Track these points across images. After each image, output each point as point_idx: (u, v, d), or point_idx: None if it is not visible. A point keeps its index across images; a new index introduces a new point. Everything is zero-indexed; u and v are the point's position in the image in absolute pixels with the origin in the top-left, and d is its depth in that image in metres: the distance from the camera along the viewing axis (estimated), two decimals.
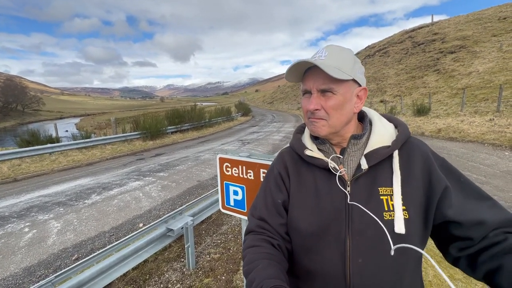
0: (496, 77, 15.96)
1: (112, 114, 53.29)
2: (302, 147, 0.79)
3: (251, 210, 0.85)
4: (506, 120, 9.44)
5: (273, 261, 0.68)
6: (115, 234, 3.67)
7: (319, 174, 0.74)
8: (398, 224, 0.63)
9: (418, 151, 0.71)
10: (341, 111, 0.71)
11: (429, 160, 0.69)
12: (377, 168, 0.70)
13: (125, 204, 4.72)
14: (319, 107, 0.71)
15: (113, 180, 6.29)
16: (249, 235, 0.80)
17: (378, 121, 0.77)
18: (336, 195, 0.70)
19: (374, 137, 0.73)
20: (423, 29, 34.58)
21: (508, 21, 24.12)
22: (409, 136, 0.73)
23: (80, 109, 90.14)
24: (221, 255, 3.02)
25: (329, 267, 0.68)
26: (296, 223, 0.74)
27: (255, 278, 0.63)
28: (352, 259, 0.66)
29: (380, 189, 0.68)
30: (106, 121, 31.53)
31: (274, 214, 0.78)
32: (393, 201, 0.66)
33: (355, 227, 0.67)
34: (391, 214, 0.65)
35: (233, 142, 11.42)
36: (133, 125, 13.05)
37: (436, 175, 0.67)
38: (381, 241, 0.64)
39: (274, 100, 69.17)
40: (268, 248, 0.73)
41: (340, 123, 0.72)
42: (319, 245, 0.70)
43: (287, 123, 19.88)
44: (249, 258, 0.71)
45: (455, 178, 0.69)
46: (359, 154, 0.74)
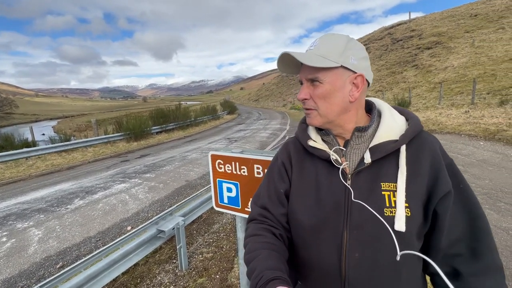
0: (469, 71, 16.79)
1: (92, 115, 51.24)
2: (306, 137, 0.78)
3: (254, 198, 0.86)
4: (480, 112, 9.96)
5: (274, 251, 0.69)
6: (102, 239, 3.54)
7: (321, 165, 0.73)
8: (399, 221, 0.62)
9: (428, 147, 0.67)
10: (330, 100, 0.69)
11: (438, 159, 0.66)
12: (382, 163, 0.68)
13: (111, 207, 4.56)
14: (307, 97, 0.71)
15: (96, 183, 6.05)
16: (251, 224, 0.81)
17: (388, 113, 0.73)
18: (336, 188, 0.69)
19: (381, 130, 0.70)
20: (401, 26, 35.75)
21: (479, 18, 25.41)
22: (420, 130, 0.69)
23: (57, 111, 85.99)
24: (214, 254, 2.99)
25: (325, 259, 0.68)
26: (295, 214, 0.74)
27: (255, 268, 0.64)
28: (349, 253, 0.65)
29: (383, 184, 0.66)
30: (86, 123, 30.29)
31: (276, 203, 0.79)
32: (395, 198, 0.64)
33: (354, 221, 0.66)
34: (392, 211, 0.63)
35: (220, 141, 11.33)
36: (115, 126, 12.61)
37: (443, 176, 0.64)
38: (379, 237, 0.63)
39: (259, 98, 69.24)
40: (269, 238, 0.73)
41: (331, 112, 0.71)
42: (317, 237, 0.70)
43: (274, 120, 19.96)
44: (251, 246, 0.72)
45: (456, 183, 0.66)
46: (364, 147, 0.71)
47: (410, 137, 0.67)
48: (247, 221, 0.83)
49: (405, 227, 0.61)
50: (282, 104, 41.47)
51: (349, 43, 0.70)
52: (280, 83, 69.25)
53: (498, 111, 9.45)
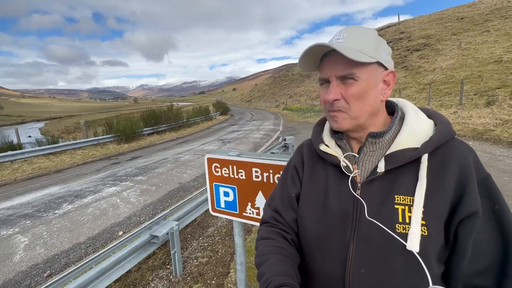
0: (457, 73, 17.25)
1: (81, 116, 50.04)
2: (319, 141, 0.74)
3: (269, 200, 0.84)
4: (468, 112, 10.22)
5: (284, 257, 0.66)
6: (92, 244, 3.42)
7: (332, 172, 0.69)
8: (411, 240, 0.55)
9: (457, 158, 0.58)
10: (364, 100, 0.62)
11: (468, 172, 0.57)
12: (398, 173, 0.61)
13: (102, 211, 4.42)
14: (339, 97, 0.62)
15: (86, 187, 5.87)
16: (263, 226, 0.80)
17: (413, 116, 0.65)
18: (345, 198, 0.64)
19: (402, 135, 0.62)
20: (391, 28, 36.47)
21: (465, 21, 26.17)
22: (451, 138, 0.61)
23: (45, 112, 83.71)
24: (209, 258, 2.92)
25: (329, 271, 0.65)
26: (302, 219, 0.72)
27: (265, 273, 0.62)
28: (354, 268, 0.61)
29: (397, 197, 0.59)
30: (74, 125, 29.56)
31: (288, 208, 0.76)
32: (411, 213, 0.57)
33: (361, 234, 0.61)
34: (405, 227, 0.57)
35: (213, 142, 11.23)
36: (105, 128, 12.32)
37: (471, 193, 0.55)
38: (388, 253, 0.58)
39: (252, 99, 69.25)
40: (280, 242, 0.71)
41: (364, 114, 0.63)
42: (322, 246, 0.66)
43: (267, 121, 19.96)
44: (261, 250, 0.70)
45: (490, 203, 0.56)
46: (380, 154, 0.65)
47: (434, 145, 0.59)
48: (260, 223, 0.83)
49: (418, 247, 0.54)
50: (275, 105, 41.58)
51: (379, 37, 0.64)
52: (273, 84, 69.48)
53: (485, 111, 9.71)
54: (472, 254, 0.56)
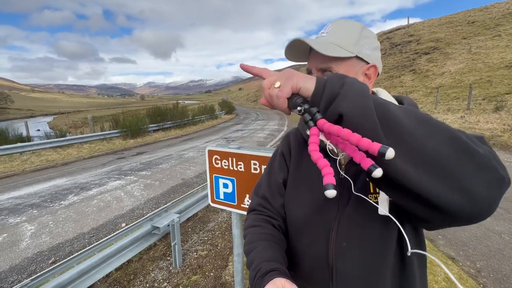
0: (466, 77, 16.99)
1: (88, 112, 50.81)
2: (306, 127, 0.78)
3: (255, 188, 0.86)
4: (475, 117, 10.08)
5: (272, 243, 0.69)
6: (95, 235, 3.50)
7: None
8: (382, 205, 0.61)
9: None
10: None
11: None
12: None
13: (106, 204, 4.52)
14: None
15: (91, 179, 6.00)
16: (250, 214, 0.82)
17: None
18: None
19: None
20: (399, 30, 36.06)
21: (476, 25, 25.74)
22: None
23: (53, 107, 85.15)
24: (209, 252, 2.97)
25: (314, 249, 0.69)
26: (289, 204, 0.75)
27: (254, 259, 0.65)
28: (336, 243, 0.65)
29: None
30: (82, 120, 30.03)
31: (275, 194, 0.79)
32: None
33: (344, 210, 0.66)
34: (376, 197, 0.63)
35: (218, 140, 11.30)
36: (112, 123, 12.52)
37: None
38: (365, 223, 0.63)
39: (258, 99, 69.26)
40: (268, 229, 0.74)
41: None
42: (308, 227, 0.70)
43: (271, 121, 19.97)
44: (250, 238, 0.73)
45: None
46: None
47: None
48: (248, 211, 0.84)
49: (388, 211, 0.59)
50: None
51: (363, 31, 0.67)
52: None
53: (493, 116, 9.57)
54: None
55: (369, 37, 0.68)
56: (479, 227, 3.19)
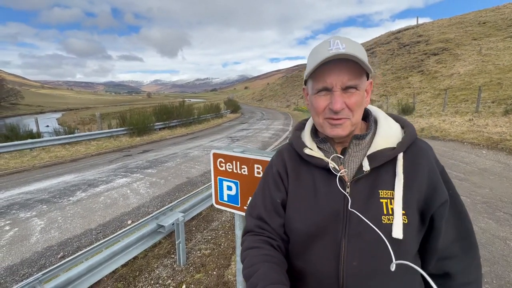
0: (475, 79, 16.69)
1: (96, 109, 51.56)
2: (302, 145, 0.77)
3: (249, 209, 0.83)
4: (484, 120, 9.91)
5: (274, 264, 0.67)
6: (102, 231, 3.60)
7: (318, 174, 0.72)
8: (396, 229, 0.62)
9: (424, 155, 0.68)
10: (361, 107, 0.68)
11: (434, 167, 0.67)
12: (379, 170, 0.67)
13: (112, 201, 4.62)
14: (344, 106, 0.65)
15: (99, 176, 6.12)
16: (247, 236, 0.78)
17: (384, 120, 0.73)
18: (335, 196, 0.68)
19: (378, 137, 0.70)
20: (408, 30, 35.55)
21: (487, 26, 25.22)
22: (416, 138, 0.70)
23: (62, 104, 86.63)
24: (212, 250, 3.03)
25: (323, 268, 0.67)
26: (293, 224, 0.73)
27: (257, 284, 0.61)
28: (347, 262, 0.64)
29: (381, 192, 0.66)
30: (90, 116, 30.52)
31: (273, 214, 0.77)
32: (392, 205, 0.64)
33: (352, 229, 0.65)
34: (389, 218, 0.63)
35: (222, 139, 11.38)
36: (119, 121, 12.71)
37: (441, 185, 0.66)
38: (378, 245, 0.62)
39: (263, 98, 69.21)
40: (268, 250, 0.72)
41: (359, 120, 0.70)
42: (314, 246, 0.69)
43: (276, 120, 19.98)
44: (249, 261, 0.69)
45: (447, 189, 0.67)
46: (361, 154, 0.71)
47: (407, 144, 0.68)
48: (243, 233, 0.81)
49: (402, 234, 0.61)
50: (285, 105, 41.45)
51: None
52: (285, 84, 69.18)
53: (502, 120, 9.39)
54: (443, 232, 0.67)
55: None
56: (483, 233, 3.17)
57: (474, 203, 3.91)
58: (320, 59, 0.62)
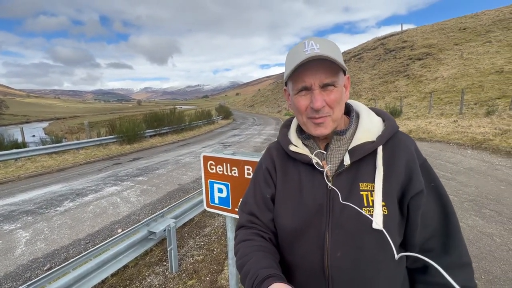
0: (458, 82, 17.33)
1: (85, 117, 50.54)
2: (287, 142, 0.79)
3: (241, 205, 0.86)
4: (468, 121, 10.26)
5: (266, 253, 0.70)
6: (92, 241, 3.50)
7: (303, 169, 0.75)
8: (376, 219, 0.63)
9: (403, 147, 0.69)
10: (341, 104, 0.70)
11: (413, 158, 0.68)
12: (360, 164, 0.69)
13: (102, 210, 4.51)
14: (324, 104, 0.67)
15: (87, 185, 5.98)
16: (240, 230, 0.82)
17: (366, 115, 0.75)
18: (319, 191, 0.70)
19: (360, 131, 0.71)
20: (393, 37, 36.71)
21: (467, 32, 26.34)
22: (396, 131, 0.71)
23: (49, 113, 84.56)
24: (205, 256, 2.99)
25: (309, 260, 0.69)
26: (280, 219, 0.75)
27: (250, 270, 0.65)
28: (331, 253, 0.66)
29: (361, 184, 0.67)
30: (78, 125, 29.88)
31: (263, 209, 0.79)
32: (373, 197, 0.65)
33: (335, 220, 0.67)
34: (370, 210, 0.65)
35: (214, 145, 11.34)
36: (108, 129, 12.50)
37: (417, 175, 0.66)
38: (360, 235, 0.65)
39: (254, 104, 69.57)
40: (260, 241, 0.74)
41: (340, 117, 0.72)
42: (300, 240, 0.71)
43: (268, 125, 20.09)
44: (242, 251, 0.73)
45: (428, 181, 0.68)
46: (343, 149, 0.72)
47: (386, 138, 0.69)
48: (236, 228, 0.84)
49: (382, 225, 0.62)
50: (277, 110, 41.78)
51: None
52: (275, 90, 69.85)
53: (485, 121, 9.75)
54: (421, 225, 0.66)
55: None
56: (471, 230, 3.25)
57: (461, 201, 4.01)
58: (297, 61, 0.65)
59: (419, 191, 0.65)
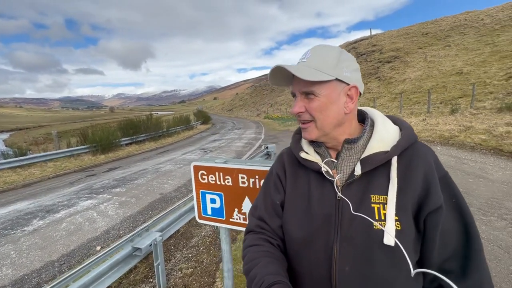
0: (424, 83, 18.57)
1: (52, 127, 47.14)
2: (299, 149, 0.78)
3: (251, 210, 0.86)
4: (435, 119, 10.99)
5: (273, 259, 0.69)
6: (67, 262, 3.22)
7: (313, 177, 0.73)
8: (387, 235, 0.60)
9: (421, 158, 0.65)
10: (326, 113, 0.68)
11: (431, 171, 0.63)
12: (372, 174, 0.66)
13: (77, 226, 4.18)
14: (302, 110, 0.69)
15: (59, 201, 5.53)
16: (249, 235, 0.81)
17: (381, 123, 0.72)
18: (327, 201, 0.68)
19: (374, 140, 0.68)
20: (364, 41, 38.64)
21: (429, 36, 28.42)
22: (414, 141, 0.67)
23: (10, 123, 77.86)
24: (194, 269, 2.87)
25: (316, 272, 0.67)
26: (288, 225, 0.74)
27: (256, 275, 0.64)
28: (339, 267, 0.64)
29: (373, 196, 0.64)
30: (44, 135, 27.79)
31: (272, 215, 0.78)
32: (385, 210, 0.62)
33: (344, 233, 0.65)
34: (381, 224, 0.61)
35: (195, 151, 11.08)
36: (80, 138, 11.76)
37: (435, 190, 0.62)
38: (369, 249, 0.62)
39: (233, 108, 69.40)
40: (268, 247, 0.73)
41: (328, 125, 0.69)
42: (307, 249, 0.69)
43: (248, 129, 20.08)
44: (250, 256, 0.72)
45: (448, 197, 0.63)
46: (355, 158, 0.70)
47: (402, 148, 0.66)
48: (245, 232, 0.83)
49: (393, 241, 0.59)
50: (256, 113, 41.98)
51: (342, 55, 0.69)
52: (254, 93, 70.28)
53: (450, 119, 10.51)
54: (440, 243, 0.62)
55: (348, 60, 0.70)
56: None
57: None
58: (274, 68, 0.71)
59: (437, 207, 0.61)
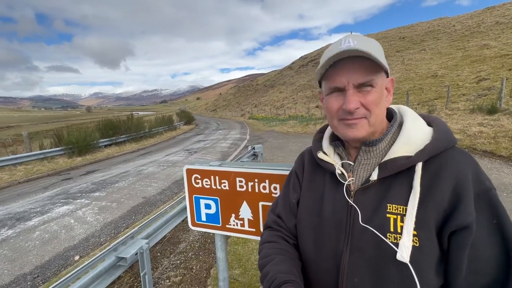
0: (402, 85, 19.38)
1: (21, 127, 44.13)
2: (317, 148, 0.75)
3: (273, 205, 0.86)
4: None
5: (287, 257, 0.68)
6: (41, 274, 2.96)
7: (329, 179, 0.69)
8: (401, 250, 0.53)
9: (454, 168, 0.55)
10: (381, 106, 0.61)
11: (465, 183, 0.53)
12: (392, 181, 0.59)
13: (52, 235, 3.87)
14: (359, 105, 0.59)
15: (31, 207, 5.12)
16: (266, 231, 0.82)
17: (411, 123, 0.63)
18: (339, 206, 0.64)
19: (398, 144, 0.60)
20: None
21: (406, 40, 29.78)
22: (450, 147, 0.58)
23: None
24: (183, 277, 2.73)
25: (324, 279, 0.65)
26: (300, 226, 0.73)
27: (269, 272, 0.64)
28: (347, 277, 0.60)
29: (390, 205, 0.57)
30: (13, 137, 25.91)
31: (289, 214, 0.77)
32: (403, 223, 0.55)
33: (354, 242, 0.60)
34: (396, 237, 0.55)
35: (179, 152, 10.78)
36: (54, 140, 11.04)
37: (465, 205, 0.52)
38: (381, 263, 0.57)
39: (217, 108, 68.78)
40: (283, 245, 0.73)
41: (379, 121, 0.62)
42: (316, 254, 0.66)
43: (233, 130, 19.92)
44: (265, 252, 0.73)
45: (488, 217, 0.53)
46: (374, 162, 0.64)
47: (429, 153, 0.57)
48: (264, 227, 0.85)
49: (409, 258, 0.52)
50: (240, 114, 41.81)
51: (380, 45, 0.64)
52: (237, 93, 70.05)
53: None
54: (470, 271, 0.53)
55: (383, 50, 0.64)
56: None
57: None
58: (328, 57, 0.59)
59: (465, 225, 0.51)
